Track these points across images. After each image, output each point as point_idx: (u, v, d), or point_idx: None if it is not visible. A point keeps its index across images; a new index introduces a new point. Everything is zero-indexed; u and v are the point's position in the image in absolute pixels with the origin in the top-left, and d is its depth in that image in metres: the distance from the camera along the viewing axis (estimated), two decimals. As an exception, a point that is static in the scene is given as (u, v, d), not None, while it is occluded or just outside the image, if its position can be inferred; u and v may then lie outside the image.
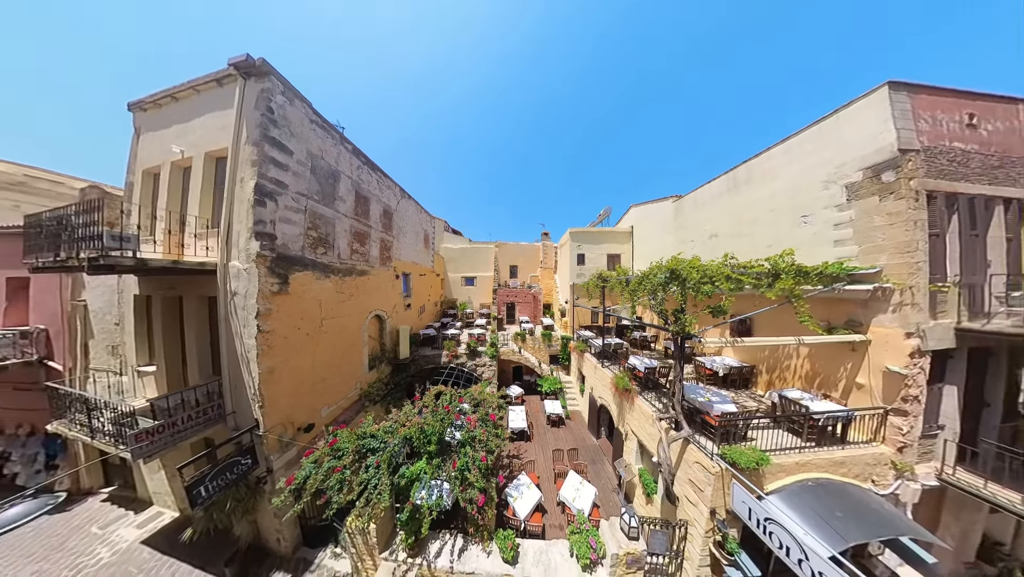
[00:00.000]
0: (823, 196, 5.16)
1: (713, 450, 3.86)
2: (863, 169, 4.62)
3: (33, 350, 5.53)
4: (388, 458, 4.15)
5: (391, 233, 8.93)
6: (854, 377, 4.66)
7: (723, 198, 7.60)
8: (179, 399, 4.07)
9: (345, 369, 6.65)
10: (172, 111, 4.95)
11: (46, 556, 4.32)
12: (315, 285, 5.57)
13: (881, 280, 4.35)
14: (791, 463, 3.87)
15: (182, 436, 3.97)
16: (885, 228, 4.41)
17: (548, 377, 10.54)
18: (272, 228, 4.63)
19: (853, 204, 4.74)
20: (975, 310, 4.29)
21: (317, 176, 5.69)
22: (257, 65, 4.41)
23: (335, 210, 6.24)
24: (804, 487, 3.73)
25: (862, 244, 4.64)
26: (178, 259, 4.24)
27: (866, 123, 4.58)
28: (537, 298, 14.61)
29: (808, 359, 5.39)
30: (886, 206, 4.40)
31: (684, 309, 4.48)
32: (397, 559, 4.01)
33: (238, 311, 4.42)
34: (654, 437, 4.86)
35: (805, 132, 5.52)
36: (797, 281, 4.41)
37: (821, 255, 4.92)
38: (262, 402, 4.42)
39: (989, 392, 4.46)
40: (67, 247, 3.17)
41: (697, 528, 3.90)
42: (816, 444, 4.12)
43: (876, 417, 4.24)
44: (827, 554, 2.81)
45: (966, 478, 3.95)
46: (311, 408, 5.50)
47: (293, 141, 5.05)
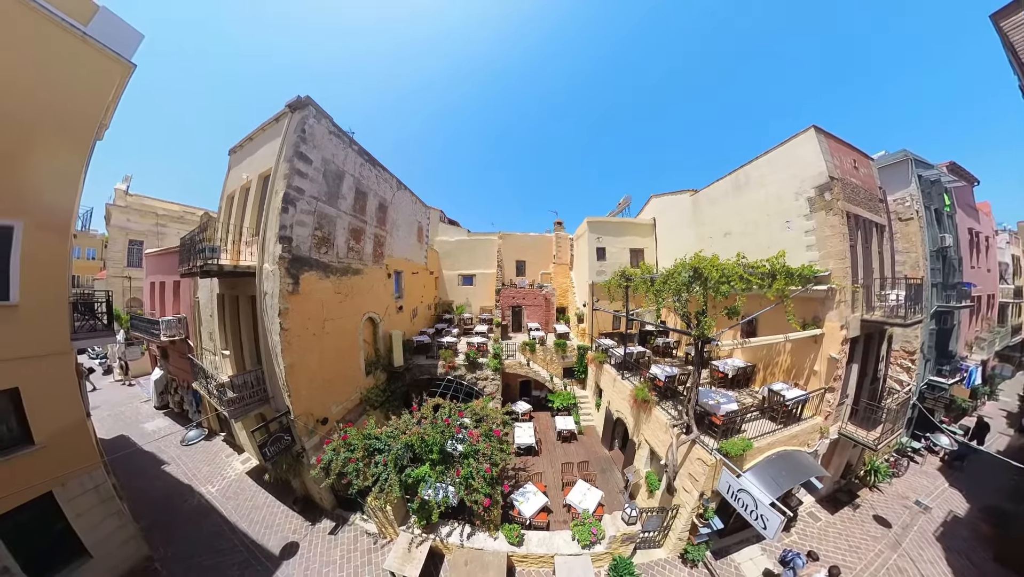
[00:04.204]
0: (795, 205, 8.46)
1: (713, 446, 6.63)
2: (815, 187, 7.99)
3: (183, 331, 11.02)
4: (394, 459, 6.79)
5: (385, 228, 11.75)
6: (812, 365, 7.93)
7: (730, 197, 10.73)
8: (243, 380, 6.89)
9: (346, 372, 9.53)
10: (248, 148, 8.19)
11: (210, 462, 10.07)
12: (319, 285, 8.25)
13: (830, 282, 7.55)
14: (765, 444, 6.83)
15: (248, 408, 6.97)
16: (830, 238, 7.72)
17: (561, 393, 13.30)
18: (290, 231, 7.37)
19: (813, 215, 8.06)
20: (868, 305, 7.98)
21: (327, 178, 8.53)
22: (303, 100, 7.13)
23: (337, 208, 9.02)
24: (768, 460, 6.64)
25: (820, 250, 7.92)
26: (236, 264, 6.99)
27: (809, 152, 8.04)
28: (549, 300, 17.20)
29: (789, 354, 8.60)
30: (829, 220, 7.74)
31: (706, 311, 6.99)
32: (413, 532, 6.85)
33: (268, 310, 7.25)
34: (665, 443, 7.58)
35: (780, 148, 8.88)
36: (787, 282, 7.16)
37: (800, 258, 8.05)
38: (289, 392, 7.26)
39: (868, 365, 8.37)
40: (193, 259, 5.94)
41: (686, 508, 6.84)
42: (784, 425, 7.15)
43: (819, 395, 7.55)
44: (768, 501, 5.60)
45: (851, 429, 7.85)
46: (323, 404, 8.41)
47: (314, 152, 7.93)
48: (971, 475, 9.55)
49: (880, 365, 9.26)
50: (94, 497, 5.44)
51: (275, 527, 7.50)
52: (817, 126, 8.08)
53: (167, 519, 7.55)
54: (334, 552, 6.89)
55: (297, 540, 7.13)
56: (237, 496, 8.45)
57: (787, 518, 5.89)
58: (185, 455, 10.04)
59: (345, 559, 6.74)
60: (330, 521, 7.65)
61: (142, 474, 9.08)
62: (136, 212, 17.16)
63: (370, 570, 6.51)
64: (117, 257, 16.80)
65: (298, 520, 7.65)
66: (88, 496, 5.37)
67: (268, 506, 8.12)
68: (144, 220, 17.38)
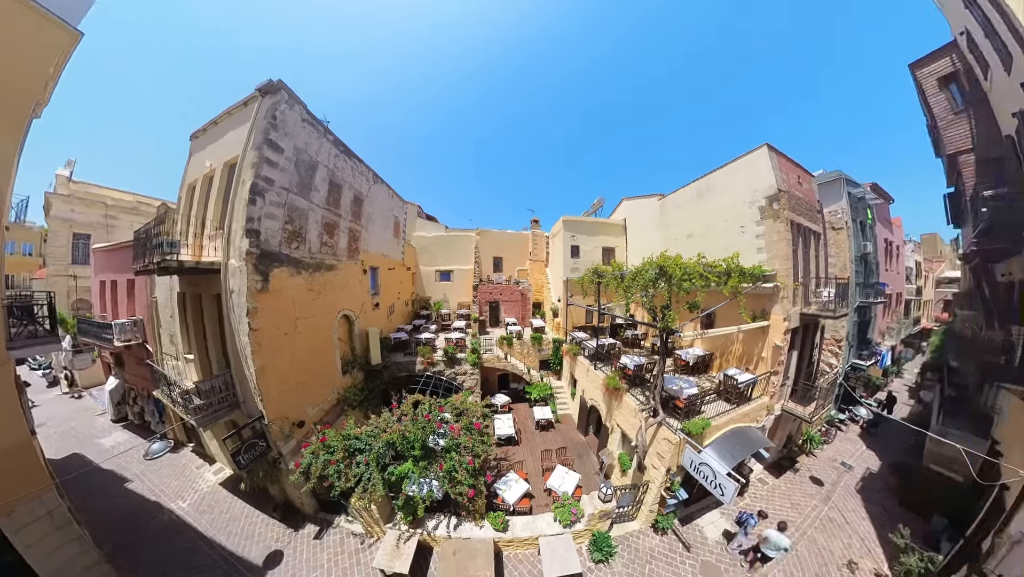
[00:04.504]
0: (749, 213, 9.38)
1: (677, 426, 7.25)
2: (766, 197, 8.92)
3: (140, 334, 9.93)
4: (375, 458, 6.71)
5: (360, 222, 11.32)
6: (760, 352, 8.90)
7: (694, 203, 11.66)
8: (210, 385, 6.39)
9: (321, 372, 9.15)
10: (212, 134, 7.44)
11: (178, 475, 9.16)
12: (290, 282, 7.84)
13: (776, 280, 8.48)
14: (721, 422, 7.51)
15: (217, 415, 6.47)
16: (777, 242, 8.70)
17: (538, 384, 13.71)
18: (258, 224, 6.91)
19: (763, 222, 8.99)
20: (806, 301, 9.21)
21: (299, 169, 8.07)
22: (275, 84, 6.66)
23: (310, 201, 8.57)
24: (724, 436, 7.31)
25: (768, 252, 8.88)
26: (198, 260, 6.45)
27: (762, 166, 8.96)
28: (526, 296, 17.52)
29: (742, 343, 9.57)
30: (776, 226, 8.73)
31: (670, 305, 7.70)
32: (400, 528, 6.85)
33: (235, 309, 6.79)
34: (635, 426, 8.16)
35: (737, 161, 9.83)
36: (740, 280, 7.96)
37: (751, 259, 8.91)
38: (261, 395, 6.86)
39: (805, 351, 9.70)
40: (149, 254, 5.38)
41: (655, 484, 7.40)
42: (737, 405, 7.91)
43: (766, 378, 8.49)
44: (724, 471, 6.19)
45: (791, 406, 9.03)
46: (299, 406, 8.03)
47: (286, 140, 7.47)
48: (883, 439, 11.41)
49: (814, 351, 10.55)
50: (47, 524, 4.78)
51: (256, 537, 7.12)
52: (769, 144, 9.01)
53: (134, 540, 6.89)
54: (321, 556, 6.70)
55: (281, 548, 6.83)
56: (212, 509, 7.88)
57: (741, 485, 6.69)
58: (150, 470, 9.13)
59: (333, 562, 6.58)
60: (314, 526, 7.42)
61: (102, 494, 8.13)
62: (81, 202, 14.97)
63: (359, 571, 6.41)
64: (60, 253, 14.67)
65: (280, 528, 7.33)
66: (40, 524, 4.71)
67: (247, 516, 7.68)
68: (91, 211, 15.18)
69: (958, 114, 8.21)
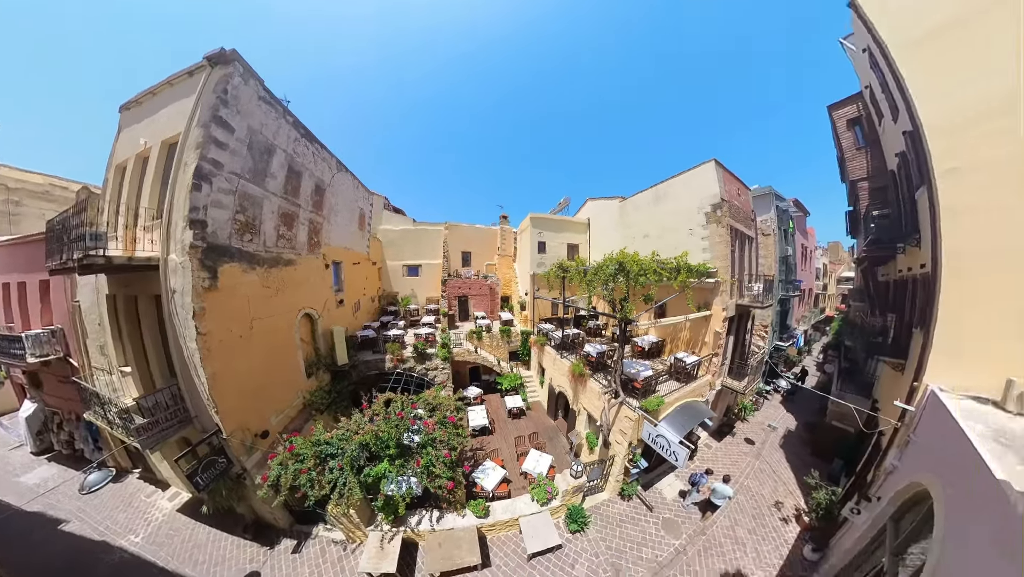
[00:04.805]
0: (696, 218, 10.50)
1: (636, 405, 7.91)
2: (711, 205, 10.04)
3: (61, 347, 8.23)
4: (349, 461, 6.46)
5: (322, 213, 10.50)
6: (703, 338, 10.09)
7: (651, 206, 12.69)
8: (154, 400, 5.57)
9: (283, 376, 8.45)
10: (148, 106, 6.28)
11: (126, 506, 7.87)
12: (243, 279, 7.10)
13: (717, 276, 9.62)
14: (673, 398, 8.30)
15: (166, 433, 5.67)
16: (719, 244, 9.86)
17: (508, 375, 13.95)
18: (204, 214, 6.13)
19: (708, 226, 10.12)
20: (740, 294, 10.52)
21: (253, 152, 7.26)
22: (227, 54, 5.87)
23: (264, 188, 7.77)
24: (676, 410, 8.17)
25: (712, 253, 10.03)
26: (131, 256, 5.54)
27: (709, 177, 10.03)
28: (494, 290, 17.59)
29: (688, 330, 10.72)
30: (718, 231, 9.89)
31: (628, 298, 8.31)
32: (382, 529, 6.69)
33: (178, 310, 6.02)
34: (599, 408, 8.80)
35: (689, 172, 10.90)
36: (688, 275, 8.93)
37: (697, 257, 9.99)
38: (216, 407, 6.19)
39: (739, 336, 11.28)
40: (68, 249, 4.47)
41: (619, 457, 8.01)
42: (685, 383, 8.83)
43: (709, 359, 9.65)
44: (677, 440, 6.89)
45: (729, 381, 10.39)
46: (260, 415, 7.37)
47: (238, 119, 6.66)
48: (798, 404, 13.63)
49: (746, 336, 12.20)
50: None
51: (227, 562, 6.46)
52: (717, 160, 10.08)
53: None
54: (302, 570, 6.31)
55: (256, 568, 6.30)
56: (171, 539, 7.01)
57: (691, 450, 7.70)
58: (90, 506, 7.71)
59: (315, 574, 6.24)
60: (290, 540, 6.95)
61: (28, 541, 6.82)
62: (-29, 184, 11.66)
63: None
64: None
65: (253, 548, 6.76)
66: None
67: (213, 541, 6.96)
68: (-15, 195, 11.91)
69: (859, 150, 10.08)
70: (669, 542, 7.03)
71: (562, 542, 6.76)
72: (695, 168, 10.64)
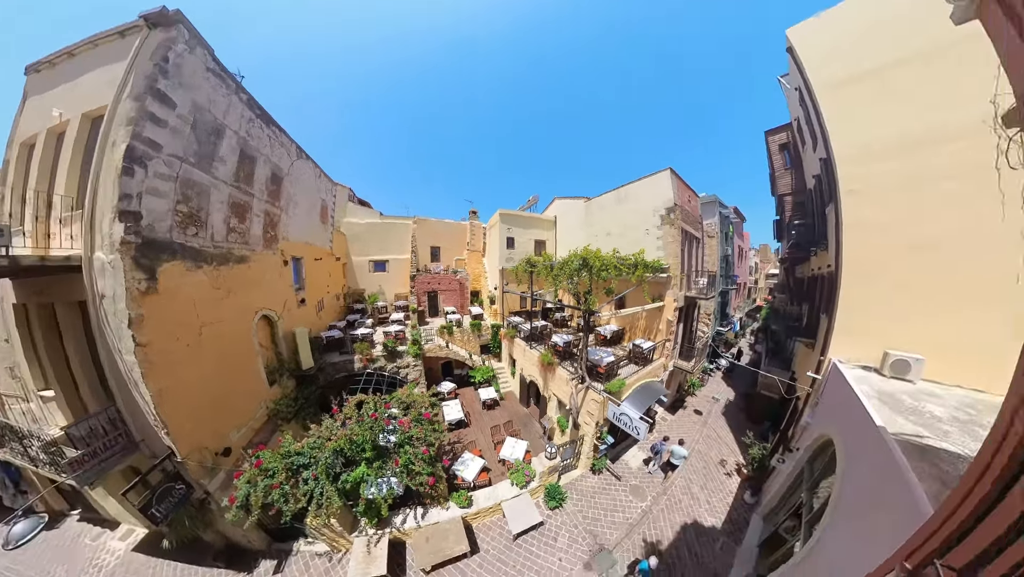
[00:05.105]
0: (653, 219, 11.51)
1: (601, 388, 8.49)
2: (666, 208, 11.07)
3: None
4: (324, 469, 6.13)
5: (279, 204, 9.57)
6: (658, 325, 11.19)
7: (613, 207, 13.57)
8: (88, 427, 4.74)
9: (242, 386, 7.66)
10: (65, 70, 5.06)
11: (66, 556, 6.52)
12: (187, 279, 6.21)
13: (669, 272, 10.70)
14: (633, 380, 9.07)
15: (107, 465, 4.92)
16: (671, 243, 10.94)
17: (480, 367, 14.07)
18: (138, 204, 5.25)
19: (662, 227, 11.16)
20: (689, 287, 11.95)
21: (198, 133, 6.34)
22: (169, 15, 5.04)
23: (212, 175, 6.85)
24: (636, 390, 8.98)
25: (665, 251, 11.09)
26: (44, 255, 4.60)
27: (664, 184, 11.04)
28: (464, 285, 17.43)
29: (645, 320, 11.80)
30: (671, 231, 10.97)
31: (591, 291, 8.76)
32: (367, 533, 6.51)
33: (109, 319, 5.11)
34: (568, 393, 9.31)
35: (647, 178, 11.89)
36: (644, 270, 9.72)
37: (653, 254, 10.97)
38: (166, 428, 5.29)
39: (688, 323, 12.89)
40: None
41: (589, 436, 8.61)
42: (643, 366, 9.73)
43: (662, 345, 10.72)
44: (638, 416, 7.58)
45: (680, 362, 11.76)
46: (219, 431, 6.64)
47: (180, 92, 5.76)
48: (736, 378, 15.72)
49: (693, 323, 13.68)
50: None
51: None
52: (672, 168, 11.04)
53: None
54: None
55: None
56: None
57: (650, 424, 8.68)
58: (19, 562, 6.39)
59: None
60: (269, 561, 6.46)
61: None
62: None
63: (333, 587, 5.88)
64: None
65: (229, 576, 6.21)
66: None
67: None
68: None
69: (787, 170, 12.33)
70: (637, 505, 7.84)
71: (543, 519, 7.17)
72: (654, 175, 11.57)
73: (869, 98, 5.85)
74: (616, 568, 6.30)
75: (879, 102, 5.72)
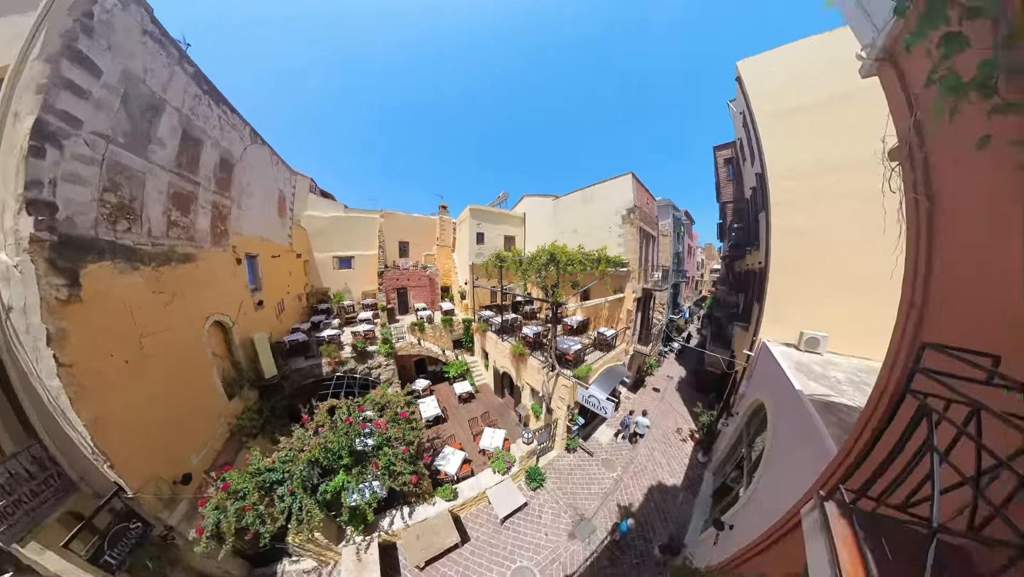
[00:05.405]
0: (615, 218, 12.49)
1: (570, 374, 9.06)
2: (627, 209, 12.05)
3: None
4: (300, 483, 5.78)
5: (229, 194, 8.50)
6: (619, 315, 12.31)
7: (579, 206, 14.38)
8: (5, 472, 3.91)
9: (197, 403, 6.77)
10: None
11: None
12: (119, 283, 5.12)
13: (629, 266, 11.74)
14: (598, 365, 9.83)
15: (37, 515, 4.04)
16: (631, 241, 12.03)
17: (454, 362, 14.06)
18: (52, 192, 4.30)
19: (623, 226, 12.16)
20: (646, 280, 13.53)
21: (130, 108, 5.32)
22: None
23: (147, 159, 5.82)
24: (602, 374, 9.76)
25: (625, 247, 12.12)
26: (-68, 260, 3.68)
27: (626, 187, 12.01)
28: (434, 280, 17.08)
29: (607, 310, 12.86)
30: (631, 230, 12.05)
31: (558, 284, 9.21)
32: (355, 542, 6.32)
33: (21, 337, 4.22)
34: (540, 381, 9.78)
35: (611, 181, 12.79)
36: (607, 265, 10.51)
37: (615, 251, 11.88)
38: (108, 461, 4.50)
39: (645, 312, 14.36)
40: None
41: (562, 419, 9.17)
42: (607, 352, 10.60)
43: (623, 333, 11.81)
44: (604, 397, 8.34)
45: (639, 347, 13.37)
46: (175, 457, 5.85)
47: (107, 57, 4.82)
48: (686, 358, 17.81)
49: (650, 312, 15.05)
50: None
51: None
52: (633, 173, 11.98)
53: None
54: None
55: None
56: None
57: (615, 403, 9.53)
58: None
59: None
60: None
61: None
62: None
63: (325, 604, 5.64)
64: None
65: None
66: None
67: None
68: None
69: (729, 181, 14.34)
70: (609, 476, 8.65)
71: (527, 500, 7.58)
72: (617, 178, 12.47)
73: (798, 129, 7.06)
74: (596, 533, 6.96)
75: (805, 133, 6.92)
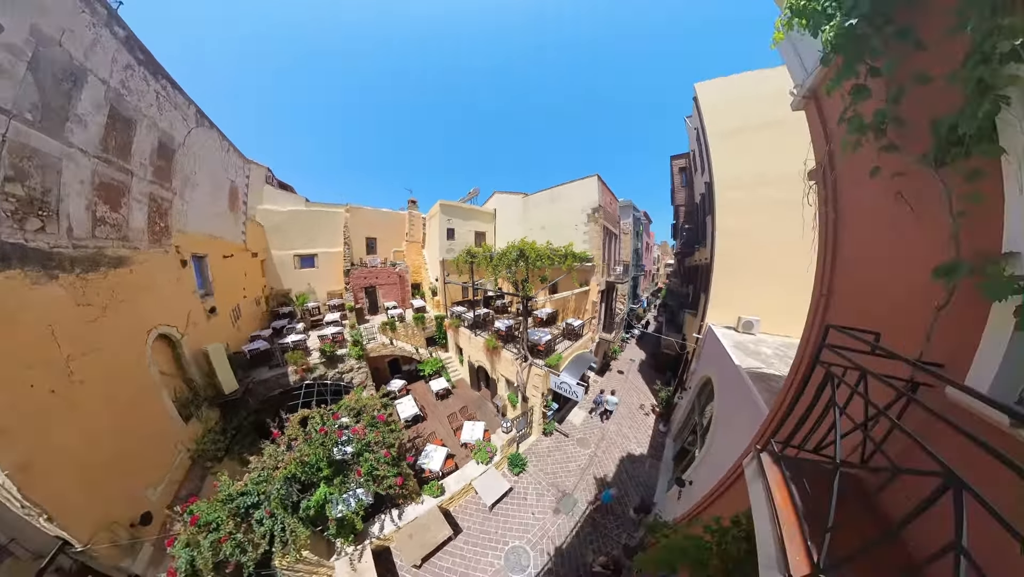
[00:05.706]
0: (581, 217, 13.27)
1: (542, 363, 9.54)
2: (592, 209, 12.88)
3: None
4: (278, 503, 5.20)
5: (171, 185, 7.41)
6: (585, 306, 13.33)
7: (548, 204, 14.92)
8: None
9: (147, 430, 5.95)
10: None
11: None
12: (33, 297, 4.28)
13: (593, 261, 12.73)
14: (568, 353, 10.49)
15: None
16: (595, 238, 13.01)
17: (428, 360, 13.92)
18: None
19: (588, 224, 13.01)
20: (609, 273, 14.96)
21: (39, 76, 4.36)
22: None
23: (65, 141, 4.86)
24: (571, 361, 10.47)
25: (590, 244, 13.03)
26: None
27: (591, 188, 12.80)
28: (404, 277, 16.51)
29: (574, 302, 13.76)
30: (596, 228, 12.99)
31: (528, 278, 9.60)
32: (346, 553, 6.14)
33: None
34: (514, 372, 10.15)
35: (577, 181, 13.52)
36: (573, 260, 11.18)
37: (580, 247, 12.69)
38: (45, 513, 3.92)
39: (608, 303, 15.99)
40: None
41: (537, 406, 9.69)
42: (575, 340, 11.35)
43: (589, 322, 12.85)
44: (575, 382, 9.10)
45: (604, 335, 14.87)
46: (129, 496, 5.15)
47: (8, 9, 3.89)
48: (646, 343, 19.57)
49: (613, 302, 16.29)
50: None
51: None
52: (599, 175, 12.56)
53: None
54: None
55: None
56: None
57: (585, 387, 10.35)
58: None
59: None
60: None
61: None
62: None
63: (323, 620, 5.48)
64: None
65: None
66: None
67: None
68: None
69: (683, 187, 15.93)
70: (584, 452, 9.46)
71: (512, 485, 7.98)
72: (583, 179, 13.11)
73: (742, 146, 8.15)
74: (578, 505, 7.64)
75: (748, 150, 8.02)
